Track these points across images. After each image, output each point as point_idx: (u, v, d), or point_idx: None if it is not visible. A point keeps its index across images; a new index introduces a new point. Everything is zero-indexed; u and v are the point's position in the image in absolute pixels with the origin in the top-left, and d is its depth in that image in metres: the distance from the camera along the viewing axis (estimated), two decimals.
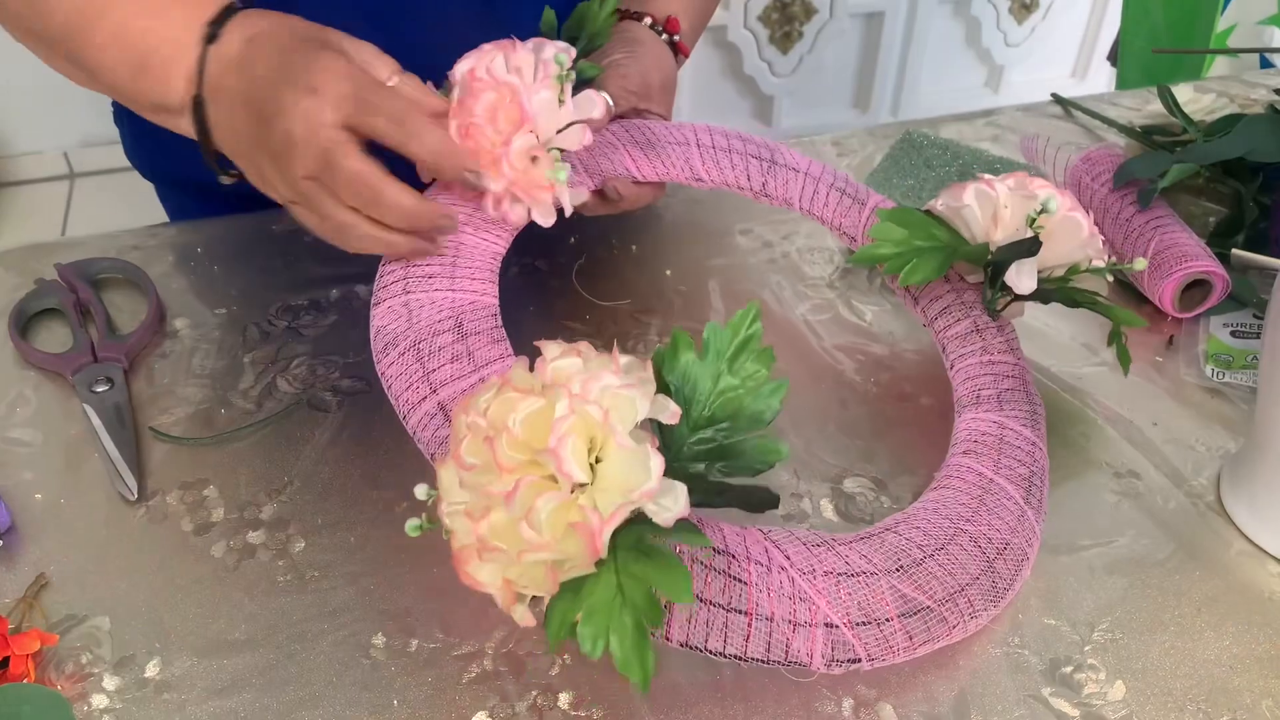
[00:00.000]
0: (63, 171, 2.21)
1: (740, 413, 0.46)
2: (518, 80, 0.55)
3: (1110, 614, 0.53)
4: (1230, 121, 0.76)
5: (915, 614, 0.48)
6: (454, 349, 0.52)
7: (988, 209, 0.60)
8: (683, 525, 0.42)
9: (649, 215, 0.79)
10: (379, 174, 0.52)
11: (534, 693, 0.49)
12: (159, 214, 0.88)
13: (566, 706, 0.49)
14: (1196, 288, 0.69)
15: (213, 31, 0.54)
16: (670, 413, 0.43)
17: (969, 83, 2.38)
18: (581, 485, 0.41)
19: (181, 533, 0.56)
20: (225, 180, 0.59)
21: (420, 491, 0.44)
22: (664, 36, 0.72)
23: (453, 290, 0.54)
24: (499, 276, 0.58)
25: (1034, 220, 0.58)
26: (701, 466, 0.46)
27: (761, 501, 0.47)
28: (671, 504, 0.41)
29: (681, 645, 0.46)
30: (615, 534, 0.41)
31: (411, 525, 0.44)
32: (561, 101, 0.56)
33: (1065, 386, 0.65)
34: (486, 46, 0.57)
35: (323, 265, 0.74)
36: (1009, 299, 0.61)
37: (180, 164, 0.62)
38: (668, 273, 0.74)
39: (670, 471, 0.42)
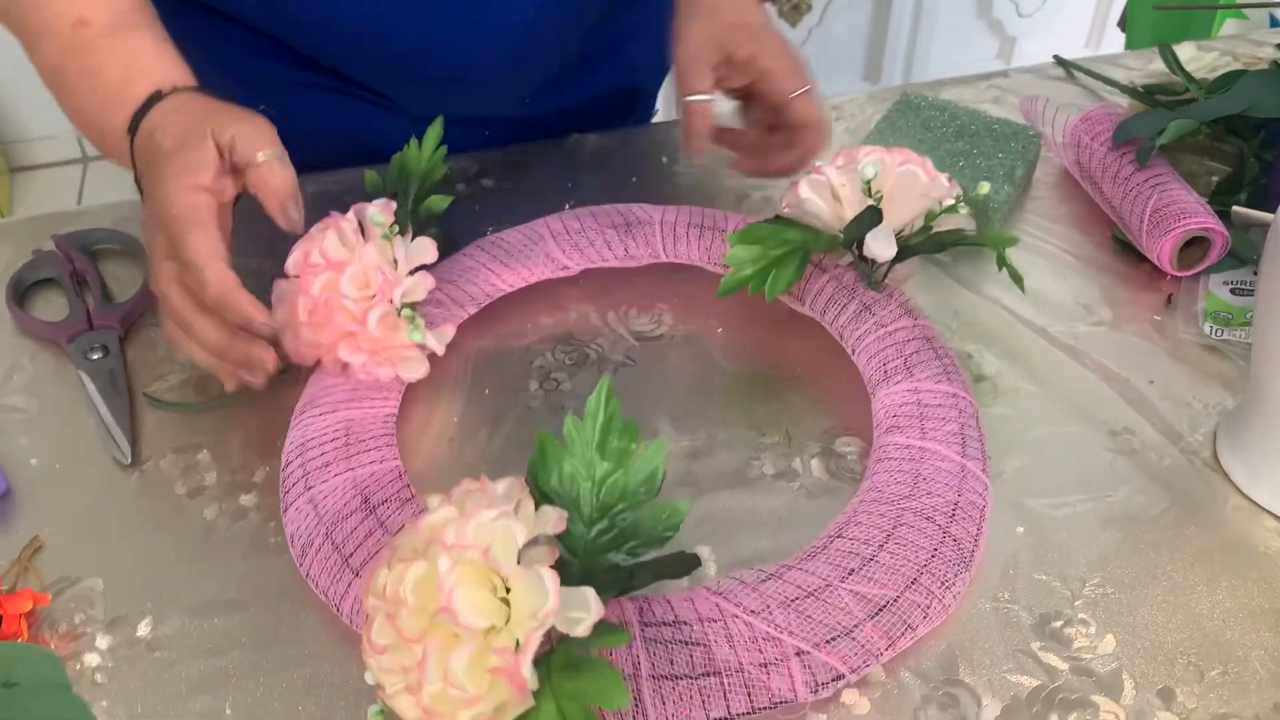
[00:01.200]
0: (75, 155, 2.23)
1: (627, 491, 0.46)
2: (371, 254, 0.56)
3: (1102, 569, 0.53)
4: (1232, 78, 0.75)
5: (882, 610, 0.48)
6: (365, 526, 0.51)
7: (826, 195, 0.62)
8: (601, 628, 0.41)
9: (642, 181, 0.78)
10: (186, 314, 0.55)
11: None
12: None
13: None
14: (1195, 245, 0.68)
15: (134, 125, 0.58)
16: (555, 520, 0.43)
17: (981, 54, 2.36)
18: (493, 627, 0.40)
19: (174, 496, 0.57)
20: None
21: (369, 678, 0.43)
22: None
23: (351, 470, 0.54)
24: None
25: (869, 190, 0.60)
26: (613, 556, 0.45)
27: (685, 565, 0.46)
28: (582, 612, 0.41)
29: None
30: (550, 657, 0.41)
31: (373, 712, 0.43)
32: (395, 260, 0.57)
33: (1062, 346, 0.65)
34: (314, 230, 0.57)
35: None
36: (884, 268, 0.62)
37: None
38: None
39: (584, 573, 0.41)
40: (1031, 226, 0.74)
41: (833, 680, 0.47)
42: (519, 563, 0.41)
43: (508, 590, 0.40)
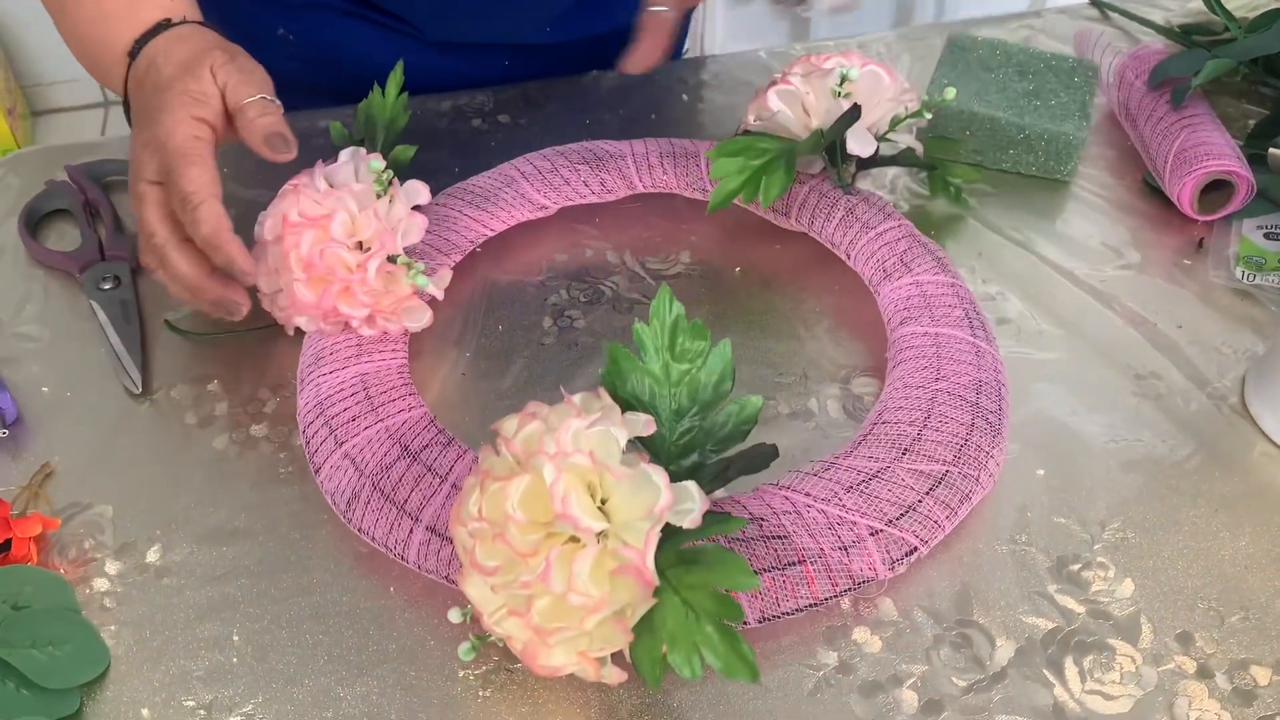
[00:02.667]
0: (97, 100, 2.22)
1: (701, 390, 0.46)
2: (350, 205, 0.55)
3: (1123, 513, 0.52)
4: (1273, 17, 0.72)
5: (939, 484, 0.49)
6: (413, 473, 0.51)
7: (795, 104, 0.62)
8: (710, 518, 0.42)
9: (656, 113, 0.77)
10: (164, 239, 0.54)
11: None
12: None
13: None
14: (1222, 189, 0.66)
15: (136, 49, 0.58)
16: (644, 424, 0.43)
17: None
18: (602, 532, 0.40)
19: (184, 426, 0.56)
20: None
21: (455, 615, 0.44)
22: None
23: (381, 421, 0.53)
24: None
25: (839, 93, 0.61)
26: (695, 456, 0.46)
27: (764, 457, 0.46)
28: (690, 504, 0.41)
29: (761, 621, 0.46)
30: (657, 557, 0.41)
31: (465, 649, 0.44)
32: (392, 200, 0.56)
33: (1089, 289, 0.63)
34: (287, 187, 0.56)
35: None
36: (854, 170, 0.64)
37: None
38: None
39: (670, 475, 0.41)
40: None
41: (906, 555, 0.48)
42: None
43: (603, 501, 0.41)
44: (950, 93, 0.62)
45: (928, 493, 0.49)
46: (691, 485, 0.42)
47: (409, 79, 0.64)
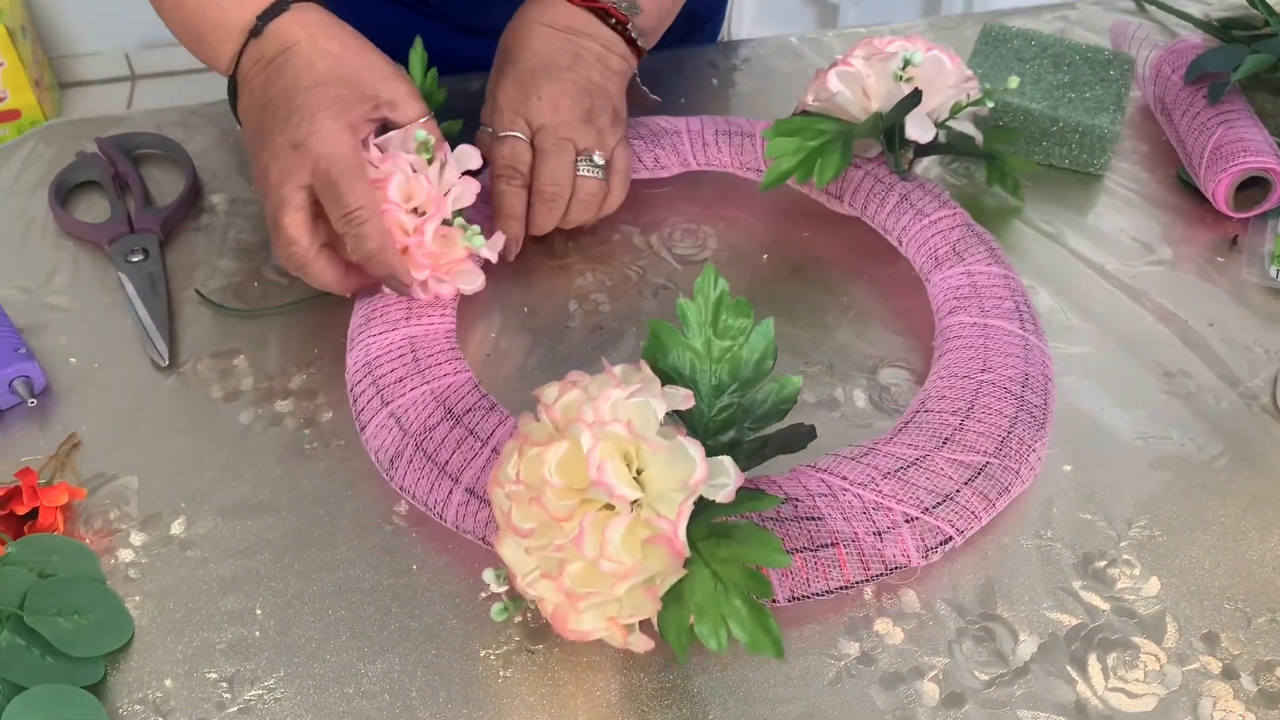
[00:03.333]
0: (124, 73, 2.23)
1: (742, 368, 0.47)
2: (405, 168, 0.55)
3: (1150, 511, 0.51)
4: None
5: (978, 475, 0.49)
6: (455, 435, 0.51)
7: (855, 86, 0.62)
8: (744, 494, 0.42)
9: (690, 101, 0.76)
10: (307, 248, 0.54)
11: None
12: None
13: None
14: (1258, 186, 0.65)
15: (259, 25, 0.55)
16: (684, 398, 0.43)
17: None
18: (636, 501, 0.41)
19: (210, 399, 0.57)
20: None
21: (489, 576, 0.44)
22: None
23: (427, 383, 0.54)
24: None
25: (901, 77, 0.60)
26: (733, 433, 0.46)
27: (803, 437, 0.46)
28: (725, 479, 0.42)
29: (791, 600, 0.47)
30: (689, 530, 0.41)
31: (497, 610, 0.44)
32: (443, 165, 0.56)
33: (1120, 285, 0.63)
34: None
35: None
36: (911, 155, 0.63)
37: None
38: None
39: (706, 450, 0.42)
40: None
41: (941, 544, 0.48)
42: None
43: (639, 471, 0.41)
44: (1013, 81, 0.61)
45: (966, 483, 0.49)
46: (727, 460, 0.42)
47: (438, 63, 0.63)
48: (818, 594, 0.47)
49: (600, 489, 0.40)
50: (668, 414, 0.43)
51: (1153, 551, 0.50)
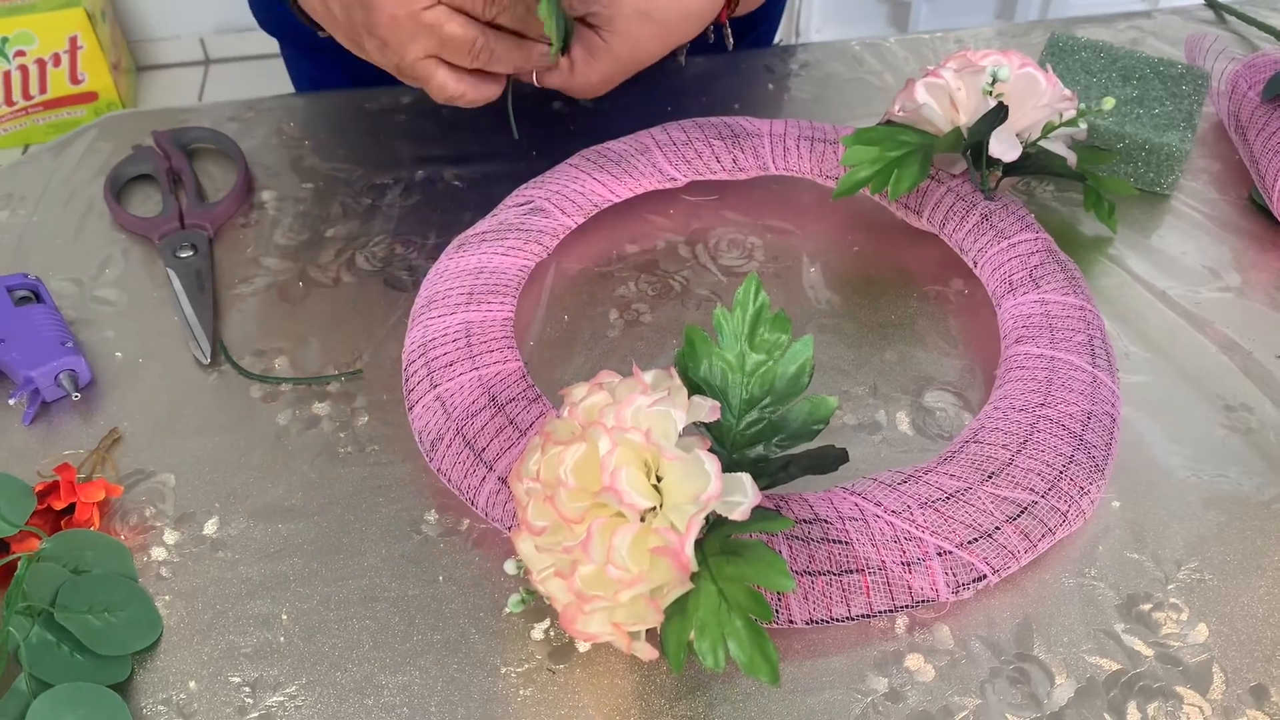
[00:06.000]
0: (199, 57, 2.27)
1: (776, 383, 0.46)
2: None
3: (1201, 552, 0.49)
4: None
5: (1023, 513, 0.47)
6: (496, 423, 0.51)
7: (943, 98, 0.60)
8: (759, 513, 0.42)
9: (744, 109, 0.75)
10: (485, 35, 0.54)
11: None
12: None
13: None
14: None
15: None
16: (709, 410, 0.43)
17: None
18: (652, 509, 0.40)
19: (250, 399, 0.57)
20: (322, 35, 0.60)
21: (510, 567, 0.44)
22: None
23: (476, 369, 0.54)
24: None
25: (990, 91, 0.58)
26: (760, 448, 0.45)
27: (833, 460, 0.45)
28: (741, 497, 0.41)
29: (809, 623, 0.46)
30: (701, 543, 0.41)
31: (514, 602, 0.44)
32: None
33: (1182, 312, 0.60)
34: None
35: (411, 146, 0.73)
36: (998, 174, 0.61)
37: (294, 19, 0.62)
38: None
39: (731, 464, 0.41)
40: None
41: (974, 581, 0.46)
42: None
43: (659, 479, 0.41)
44: (1108, 103, 0.58)
45: (1009, 520, 0.47)
46: (745, 478, 0.41)
47: None
48: (839, 619, 0.46)
49: (611, 495, 0.39)
50: (696, 424, 0.42)
51: (1202, 596, 0.48)
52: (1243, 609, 0.47)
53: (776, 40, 0.96)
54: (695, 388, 0.45)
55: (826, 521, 0.47)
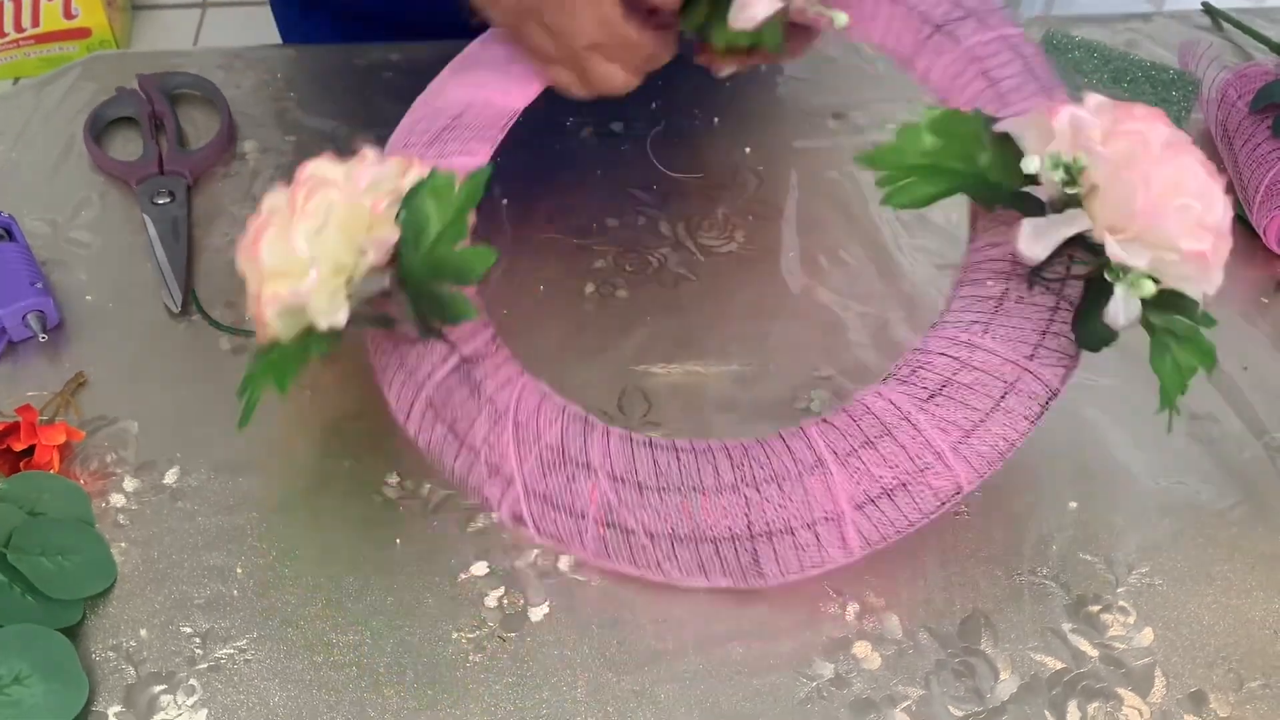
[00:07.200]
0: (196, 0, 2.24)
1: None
2: None
3: (1154, 557, 0.50)
4: None
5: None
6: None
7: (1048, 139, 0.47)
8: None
9: (736, 88, 0.75)
10: (652, 39, 0.53)
11: (535, 551, 0.49)
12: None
13: (566, 569, 0.48)
14: None
15: None
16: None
17: None
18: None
19: (219, 351, 0.57)
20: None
21: None
22: None
23: None
24: (570, 138, 0.56)
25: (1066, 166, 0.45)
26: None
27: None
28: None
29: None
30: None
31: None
32: None
33: None
34: None
35: (397, 104, 0.71)
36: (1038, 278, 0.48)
37: None
38: (747, 150, 0.70)
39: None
40: None
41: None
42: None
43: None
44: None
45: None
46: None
47: None
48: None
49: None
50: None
51: (1151, 600, 0.48)
52: (1189, 615, 0.48)
53: None
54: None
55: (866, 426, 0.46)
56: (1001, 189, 0.48)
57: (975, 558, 0.49)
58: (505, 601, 0.47)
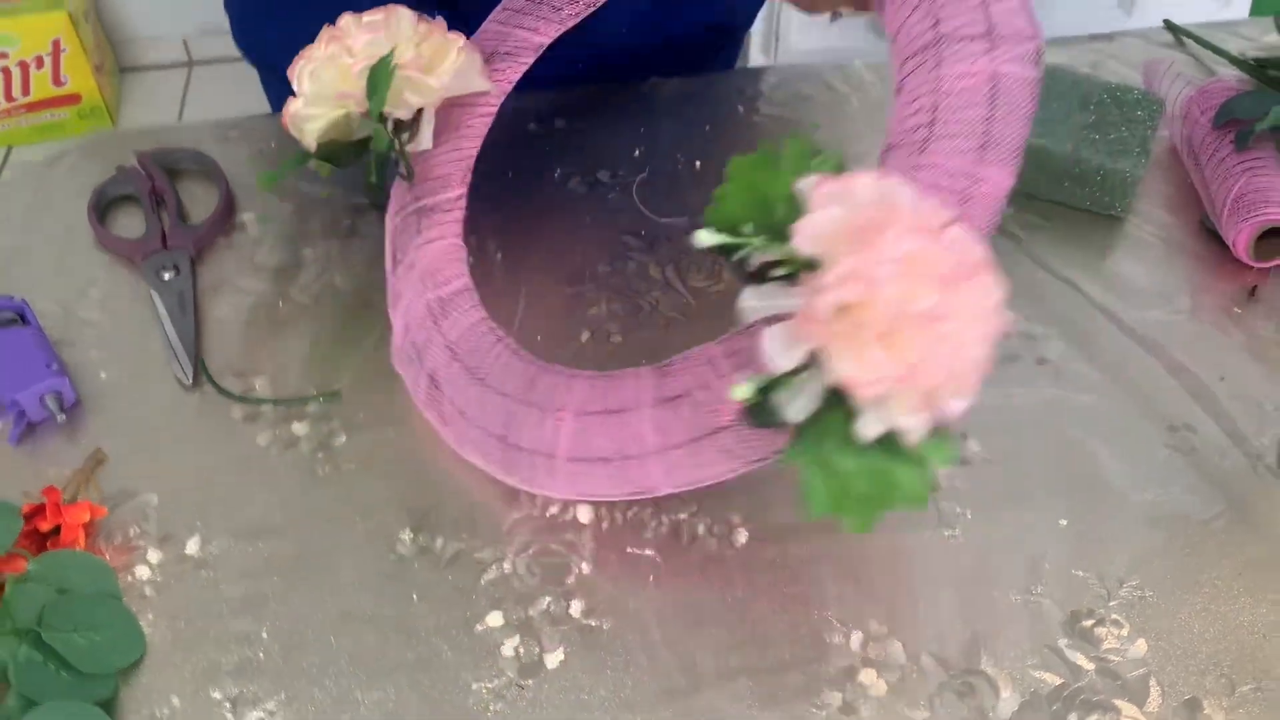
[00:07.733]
0: (181, 59, 2.27)
1: None
2: None
3: (1143, 570, 0.52)
4: None
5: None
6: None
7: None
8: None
9: (714, 131, 0.77)
10: None
11: (547, 599, 0.51)
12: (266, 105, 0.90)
13: (578, 614, 0.50)
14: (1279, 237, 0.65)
15: None
16: None
17: (1099, 1, 2.24)
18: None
19: (231, 420, 0.59)
20: None
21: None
22: None
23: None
24: (559, 188, 0.58)
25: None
26: None
27: None
28: None
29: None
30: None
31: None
32: None
33: (1132, 333, 0.63)
34: None
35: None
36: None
37: (283, 52, 0.63)
38: None
39: None
40: None
41: None
42: None
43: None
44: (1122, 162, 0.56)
45: None
46: None
47: None
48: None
49: None
50: None
51: (1142, 611, 0.50)
52: (1180, 625, 0.50)
53: (755, 44, 0.98)
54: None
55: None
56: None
57: (971, 580, 0.51)
58: (521, 650, 0.49)
